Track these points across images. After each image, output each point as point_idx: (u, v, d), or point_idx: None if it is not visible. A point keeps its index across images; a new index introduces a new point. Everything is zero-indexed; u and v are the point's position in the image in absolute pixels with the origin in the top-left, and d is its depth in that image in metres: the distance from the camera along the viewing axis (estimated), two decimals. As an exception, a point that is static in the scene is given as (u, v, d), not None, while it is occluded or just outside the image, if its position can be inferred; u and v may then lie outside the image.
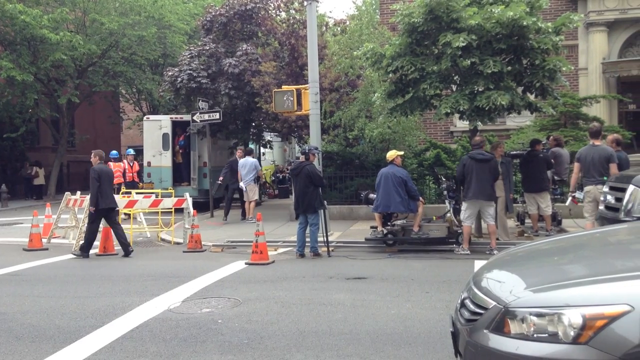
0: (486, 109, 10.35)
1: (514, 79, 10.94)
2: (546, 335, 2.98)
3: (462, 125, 16.19)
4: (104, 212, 10.80)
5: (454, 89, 11.41)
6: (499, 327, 3.17)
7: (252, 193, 15.34)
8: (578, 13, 13.26)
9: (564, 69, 10.76)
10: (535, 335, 3.02)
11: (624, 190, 6.40)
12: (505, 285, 3.49)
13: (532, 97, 11.55)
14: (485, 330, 3.24)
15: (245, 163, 15.36)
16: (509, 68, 10.49)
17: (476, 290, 3.58)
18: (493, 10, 10.03)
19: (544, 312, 3.04)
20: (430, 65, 10.70)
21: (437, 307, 6.26)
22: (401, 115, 12.34)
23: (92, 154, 11.26)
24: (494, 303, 3.29)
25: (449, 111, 10.73)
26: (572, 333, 2.89)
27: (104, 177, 10.78)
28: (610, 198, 6.75)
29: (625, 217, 6.16)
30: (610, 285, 3.06)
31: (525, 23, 9.87)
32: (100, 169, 10.85)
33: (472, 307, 3.50)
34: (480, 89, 10.64)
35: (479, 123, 11.35)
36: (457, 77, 11.28)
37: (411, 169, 14.15)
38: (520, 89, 11.25)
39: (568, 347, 2.89)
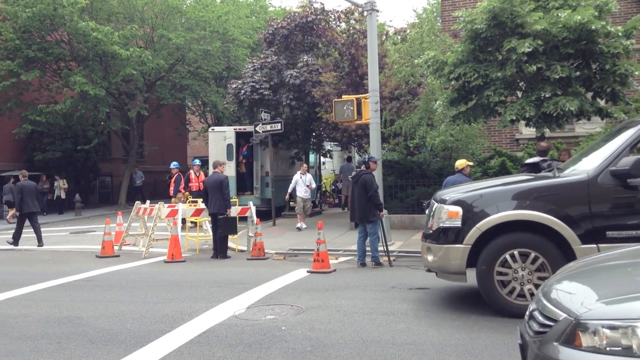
0: (554, 115, 10.09)
1: (582, 84, 10.61)
2: (619, 348, 2.89)
3: (528, 132, 15.76)
4: (26, 215, 14.36)
5: (520, 95, 11.17)
6: (570, 340, 3.08)
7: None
8: (650, 15, 12.67)
9: (636, 73, 10.35)
10: (608, 349, 2.92)
11: None
12: (575, 296, 3.39)
13: (602, 103, 11.16)
14: (555, 343, 3.16)
15: (349, 167, 19.40)
16: (578, 73, 10.17)
17: (545, 302, 3.50)
18: (559, 14, 9.79)
19: (617, 324, 2.94)
20: (494, 71, 10.53)
21: (503, 318, 6.11)
22: (464, 123, 12.19)
23: (20, 172, 15.44)
24: (565, 315, 3.20)
25: (514, 118, 10.52)
26: (647, 347, 2.78)
27: (26, 191, 14.35)
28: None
29: (428, 230, 6.81)
30: (687, 298, 2.93)
31: (593, 27, 9.58)
32: (22, 185, 14.46)
33: (541, 319, 3.43)
34: (547, 95, 10.38)
35: (547, 130, 11.05)
36: (522, 83, 11.04)
37: (475, 177, 13.87)
38: (589, 95, 10.89)
39: (643, 361, 2.79)
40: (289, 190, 16.53)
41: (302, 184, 16.03)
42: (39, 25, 22.85)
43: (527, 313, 3.68)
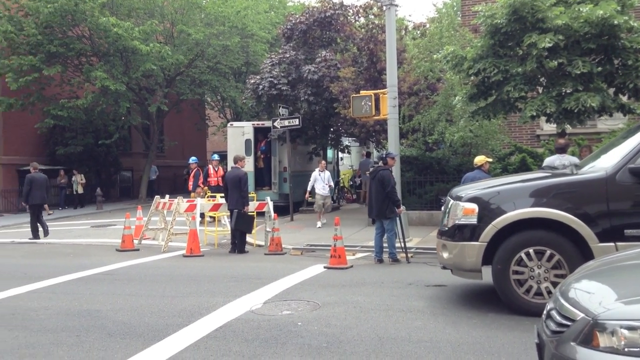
0: (575, 111, 9.98)
1: (604, 79, 10.46)
2: (638, 349, 2.85)
3: (549, 128, 15.58)
4: (35, 206, 14.73)
5: (540, 91, 11.04)
6: (587, 340, 3.06)
7: None
8: (676, 9, 12.44)
9: (660, 69, 10.16)
10: (626, 349, 2.90)
11: None
12: (594, 296, 3.36)
13: (624, 99, 10.98)
14: (572, 343, 3.14)
15: (367, 163, 19.09)
16: (599, 69, 10.04)
17: (563, 301, 3.47)
18: (581, 9, 9.67)
19: (636, 325, 2.92)
20: (515, 67, 10.43)
21: (521, 316, 6.05)
22: (483, 119, 12.09)
23: (31, 165, 16.05)
24: (582, 315, 3.18)
25: (534, 114, 10.42)
26: (666, 348, 2.74)
27: (35, 183, 14.75)
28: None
29: (444, 227, 6.73)
30: None
31: (616, 22, 9.44)
32: (32, 177, 14.92)
33: (558, 318, 3.40)
34: (568, 91, 10.25)
35: (568, 126, 10.91)
36: (543, 78, 10.91)
37: (495, 174, 13.74)
38: (611, 90, 10.73)
39: (661, 363, 2.75)
40: (309, 188, 15.98)
41: (320, 181, 15.63)
42: (60, 21, 23.15)
43: (545, 312, 3.65)
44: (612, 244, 5.73)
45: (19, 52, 22.94)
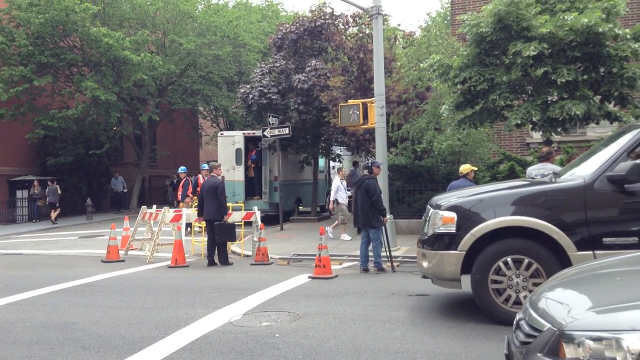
0: (559, 119, 9.94)
1: (590, 87, 10.44)
2: (603, 361, 2.78)
3: (539, 136, 15.52)
4: None
5: (526, 99, 11.03)
6: (554, 351, 2.99)
7: None
8: (662, 17, 12.46)
9: (645, 76, 10.15)
10: (591, 361, 2.82)
11: None
12: (563, 305, 3.31)
13: (610, 107, 10.97)
14: (539, 354, 3.08)
15: (354, 173, 18.57)
16: (585, 77, 10.01)
17: (532, 311, 3.42)
18: (566, 17, 9.67)
19: (603, 336, 2.86)
20: (500, 75, 10.42)
21: (500, 326, 5.96)
22: (470, 127, 12.05)
23: None
24: (549, 325, 3.12)
25: (519, 122, 10.39)
26: (630, 360, 2.68)
27: None
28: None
29: (424, 236, 6.71)
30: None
31: (601, 30, 9.44)
32: None
33: (527, 328, 3.35)
34: (553, 99, 10.23)
35: (552, 134, 10.89)
36: (529, 87, 10.89)
37: (484, 182, 13.70)
38: (597, 98, 10.71)
39: (626, 375, 2.68)
40: (332, 197, 14.75)
41: (343, 189, 14.78)
42: (51, 31, 23.14)
43: (515, 322, 3.59)
44: (590, 252, 5.67)
45: (9, 63, 22.89)
